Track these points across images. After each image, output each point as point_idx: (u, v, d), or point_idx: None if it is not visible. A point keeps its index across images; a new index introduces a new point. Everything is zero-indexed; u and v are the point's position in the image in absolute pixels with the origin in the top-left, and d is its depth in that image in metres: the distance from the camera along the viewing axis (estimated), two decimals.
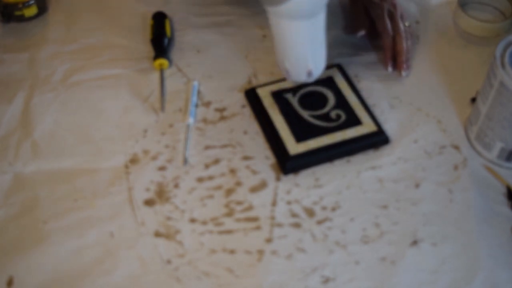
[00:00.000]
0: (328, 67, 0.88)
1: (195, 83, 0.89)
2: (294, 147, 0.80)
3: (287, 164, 0.79)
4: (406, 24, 0.93)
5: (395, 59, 0.91)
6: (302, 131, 0.82)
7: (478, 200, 0.77)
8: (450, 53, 0.95)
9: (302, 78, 0.83)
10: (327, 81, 0.88)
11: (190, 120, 0.84)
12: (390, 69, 0.91)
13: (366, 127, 0.83)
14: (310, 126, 0.83)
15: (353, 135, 0.82)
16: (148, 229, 0.74)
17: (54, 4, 1.02)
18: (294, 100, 0.85)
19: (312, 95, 0.86)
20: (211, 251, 0.73)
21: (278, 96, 0.86)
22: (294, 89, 0.86)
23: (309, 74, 0.82)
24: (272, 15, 0.77)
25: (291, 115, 0.84)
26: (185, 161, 0.80)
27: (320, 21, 0.78)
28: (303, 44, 0.79)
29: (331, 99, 0.85)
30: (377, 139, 0.82)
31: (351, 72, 0.91)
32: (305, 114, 0.84)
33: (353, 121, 0.83)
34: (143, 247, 0.73)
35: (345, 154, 0.81)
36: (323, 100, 0.86)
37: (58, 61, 0.93)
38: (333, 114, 0.84)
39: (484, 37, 0.96)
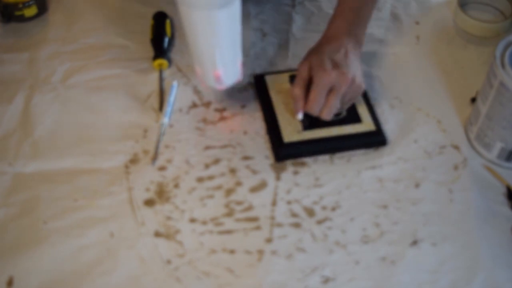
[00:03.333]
0: None
1: (174, 83, 0.89)
2: (289, 135, 0.81)
3: (280, 150, 0.80)
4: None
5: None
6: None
7: (478, 200, 0.77)
8: (450, 53, 0.95)
9: (211, 83, 0.80)
10: None
11: (165, 120, 0.84)
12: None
13: (365, 126, 0.83)
14: (309, 117, 0.83)
15: (350, 131, 0.82)
16: (148, 229, 0.74)
17: (54, 4, 1.02)
18: None
19: None
20: (211, 251, 0.73)
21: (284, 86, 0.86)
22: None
23: (218, 79, 0.78)
24: (179, 3, 0.71)
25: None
26: (154, 160, 0.80)
27: (229, 16, 0.72)
28: (210, 40, 0.74)
29: None
30: (375, 139, 0.82)
31: None
32: None
33: (353, 118, 0.83)
34: (143, 247, 0.73)
35: (339, 150, 0.82)
36: None
37: (58, 61, 0.93)
38: None
39: (484, 37, 0.96)
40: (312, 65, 0.77)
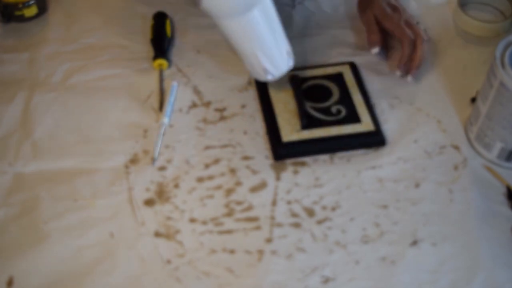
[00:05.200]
0: (341, 63, 0.90)
1: (174, 83, 0.89)
2: (288, 135, 0.81)
3: (278, 149, 0.80)
4: (423, 28, 0.91)
5: (406, 65, 0.90)
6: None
7: (478, 200, 0.77)
8: (450, 53, 0.95)
9: (261, 77, 0.83)
10: (335, 77, 0.88)
11: (165, 120, 0.84)
12: (398, 73, 0.89)
13: (364, 126, 0.83)
14: (308, 117, 0.83)
15: (349, 131, 0.82)
16: (148, 229, 0.74)
17: (54, 4, 1.02)
18: (299, 90, 0.85)
19: (318, 87, 0.87)
20: (211, 251, 0.73)
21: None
22: (302, 80, 0.86)
23: (267, 72, 0.81)
24: (212, 16, 0.76)
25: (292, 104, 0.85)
26: (154, 160, 0.80)
27: (260, 16, 0.76)
28: (248, 42, 0.78)
29: (336, 94, 0.86)
30: (373, 140, 0.82)
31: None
32: (307, 105, 0.84)
33: (353, 118, 0.83)
34: (143, 247, 0.73)
35: (338, 150, 0.82)
36: (328, 94, 0.86)
37: (58, 61, 0.93)
38: (334, 109, 0.84)
39: (484, 37, 0.96)
40: (375, 13, 0.91)
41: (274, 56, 0.81)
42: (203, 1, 0.73)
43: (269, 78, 0.82)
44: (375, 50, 0.91)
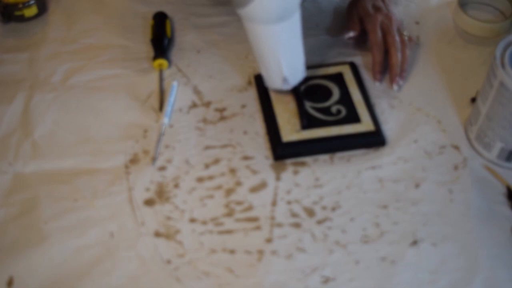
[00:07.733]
0: (341, 63, 0.90)
1: (175, 83, 0.89)
2: (288, 135, 0.81)
3: (278, 149, 0.81)
4: (405, 33, 0.91)
5: (383, 73, 0.90)
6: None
7: (478, 200, 0.77)
8: (450, 53, 0.95)
9: (278, 85, 0.83)
10: (335, 77, 0.89)
11: (165, 120, 0.84)
12: (377, 83, 0.89)
13: (364, 126, 0.83)
14: (308, 117, 0.83)
15: (349, 131, 0.82)
16: (148, 229, 0.74)
17: (54, 4, 1.02)
18: (299, 90, 0.85)
19: (318, 87, 0.87)
20: (211, 251, 0.73)
21: None
22: (302, 80, 0.86)
23: (285, 81, 0.82)
24: (243, 18, 0.76)
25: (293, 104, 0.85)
26: (154, 160, 0.80)
27: (291, 27, 0.77)
28: (275, 50, 0.79)
29: (336, 94, 0.86)
30: (373, 140, 0.82)
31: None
32: (307, 105, 0.84)
33: (353, 118, 0.83)
34: (143, 247, 0.73)
35: (338, 150, 0.82)
36: (328, 94, 0.86)
37: (58, 61, 0.93)
38: (334, 109, 0.84)
39: (484, 37, 0.96)
40: (359, 12, 0.92)
41: (295, 66, 0.82)
42: (248, 6, 0.73)
43: (285, 87, 0.83)
44: (350, 34, 0.93)
